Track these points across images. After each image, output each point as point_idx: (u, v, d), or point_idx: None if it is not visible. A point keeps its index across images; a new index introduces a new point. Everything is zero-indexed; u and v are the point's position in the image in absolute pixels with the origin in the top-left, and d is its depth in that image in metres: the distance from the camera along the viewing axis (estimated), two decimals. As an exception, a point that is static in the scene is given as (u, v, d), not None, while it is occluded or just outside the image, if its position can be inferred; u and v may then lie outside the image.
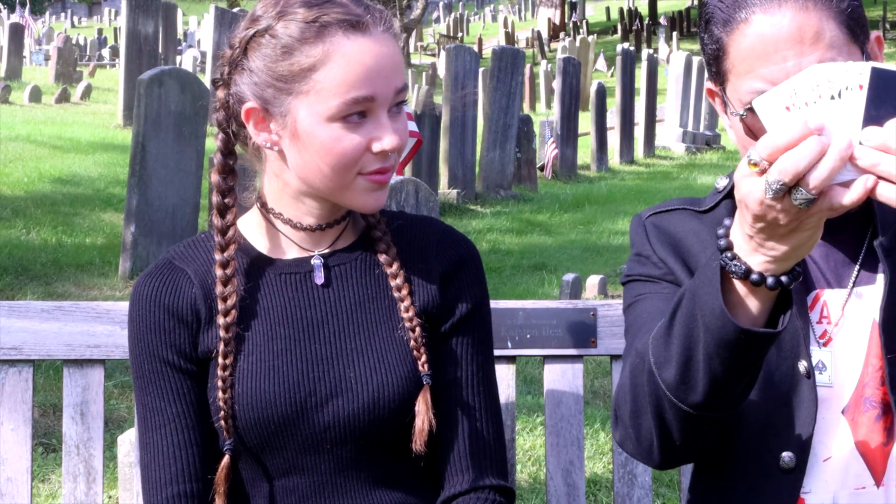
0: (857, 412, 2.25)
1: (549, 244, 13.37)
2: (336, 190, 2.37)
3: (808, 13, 2.13)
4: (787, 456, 2.24)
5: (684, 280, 2.37)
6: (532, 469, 5.94)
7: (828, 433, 2.26)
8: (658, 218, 2.48)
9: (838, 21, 2.14)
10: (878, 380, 2.24)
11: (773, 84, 2.10)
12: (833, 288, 2.31)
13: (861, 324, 2.27)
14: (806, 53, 2.11)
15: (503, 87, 16.66)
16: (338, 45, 2.30)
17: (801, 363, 2.25)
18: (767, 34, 2.14)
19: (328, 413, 2.38)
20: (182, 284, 2.46)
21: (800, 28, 2.12)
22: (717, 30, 2.22)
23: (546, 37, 52.86)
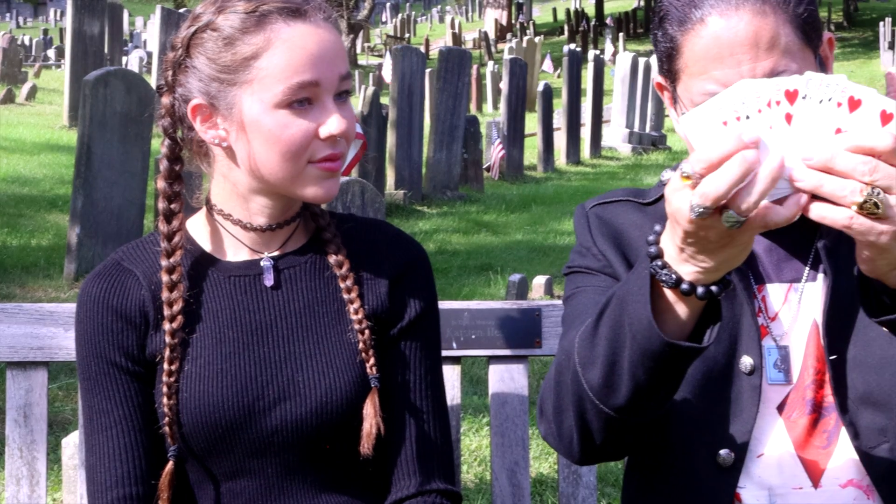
0: (794, 412, 2.26)
1: (496, 245, 13.38)
2: (287, 180, 2.37)
3: (765, 18, 2.13)
4: (725, 453, 2.26)
5: (622, 273, 2.38)
6: (478, 469, 5.95)
7: (763, 430, 2.27)
8: (601, 209, 2.49)
9: (794, 26, 2.15)
10: (817, 382, 2.25)
11: (726, 87, 2.07)
12: (773, 283, 2.32)
13: (800, 322, 2.29)
14: (761, 58, 2.12)
15: (450, 87, 16.67)
16: (278, 31, 2.31)
17: (744, 359, 2.26)
18: (723, 37, 2.13)
19: (276, 416, 2.38)
20: (130, 286, 2.45)
21: (756, 33, 2.12)
22: (671, 28, 2.21)
23: (493, 38, 52.89)
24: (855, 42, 48.33)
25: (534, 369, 7.43)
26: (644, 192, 2.50)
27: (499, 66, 32.07)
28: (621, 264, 2.40)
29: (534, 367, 7.46)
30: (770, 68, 2.11)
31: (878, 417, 2.21)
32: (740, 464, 2.26)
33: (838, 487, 2.24)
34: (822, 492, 2.25)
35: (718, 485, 2.27)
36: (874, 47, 44.47)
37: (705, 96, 2.13)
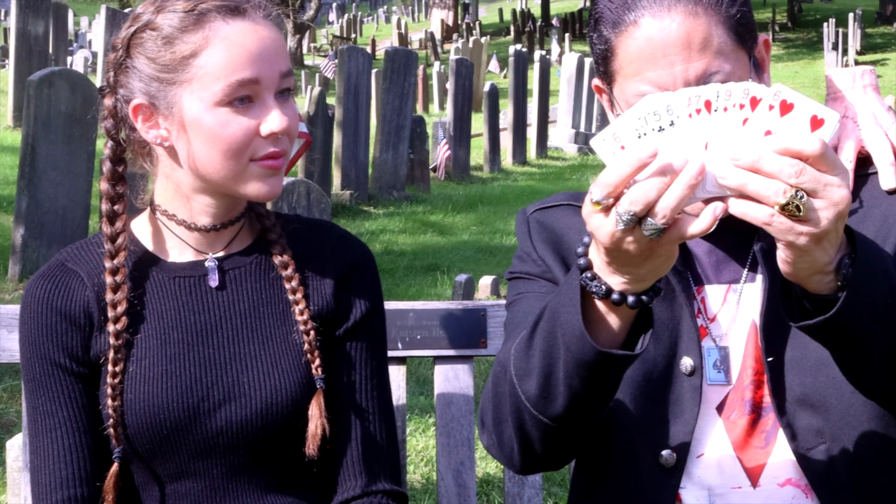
0: (733, 412, 2.28)
1: (443, 245, 13.38)
2: (229, 178, 2.37)
3: (697, 19, 2.13)
4: (667, 454, 2.27)
5: (562, 278, 2.39)
6: (425, 470, 5.95)
7: (703, 430, 2.29)
8: (542, 214, 2.50)
9: (727, 27, 2.16)
10: (755, 382, 2.27)
11: (660, 88, 2.12)
12: (712, 283, 2.33)
13: (739, 323, 2.30)
14: (693, 59, 2.12)
15: (396, 88, 16.66)
16: (217, 29, 2.32)
17: (685, 361, 2.28)
18: (656, 38, 2.14)
19: (221, 418, 2.38)
20: (74, 287, 2.44)
21: (688, 34, 2.13)
22: (605, 30, 2.22)
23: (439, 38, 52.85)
24: (799, 43, 48.64)
25: (479, 369, 7.44)
26: (583, 195, 2.47)
27: (445, 67, 32.09)
28: (561, 269, 2.41)
29: (479, 367, 7.47)
30: (703, 69, 2.12)
31: (815, 419, 2.22)
32: (682, 464, 2.27)
33: (777, 487, 2.26)
34: (760, 491, 2.26)
35: (661, 485, 2.28)
36: (818, 48, 44.74)
37: (639, 97, 2.12)
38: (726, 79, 2.10)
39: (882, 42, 46.35)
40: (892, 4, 51.47)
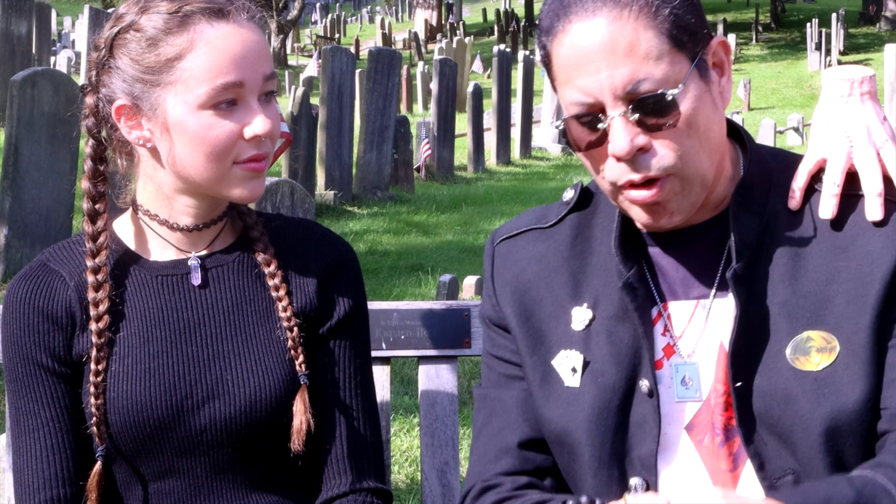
0: (703, 434, 2.23)
1: (427, 245, 13.38)
2: (212, 181, 2.37)
3: (622, 22, 2.08)
4: (636, 481, 2.22)
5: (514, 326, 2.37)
6: (409, 470, 5.95)
7: (672, 451, 2.24)
8: (506, 246, 2.46)
9: (658, 31, 2.09)
10: (723, 405, 2.21)
11: (588, 95, 2.10)
12: (679, 299, 2.28)
13: (707, 340, 2.25)
14: (619, 65, 2.07)
15: (380, 88, 16.65)
16: (202, 32, 2.31)
17: (643, 383, 2.23)
18: (581, 45, 2.10)
19: (205, 416, 2.37)
20: (57, 287, 2.43)
21: (612, 38, 2.07)
22: (543, 37, 2.19)
23: (423, 38, 52.87)
24: (782, 43, 48.73)
25: (464, 369, 7.44)
26: (546, 212, 2.46)
27: (429, 67, 32.06)
28: (516, 319, 2.37)
29: (464, 367, 7.47)
30: (629, 75, 2.07)
31: (782, 450, 2.16)
32: (654, 487, 2.23)
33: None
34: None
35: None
36: (802, 48, 44.85)
37: (573, 105, 2.12)
38: (657, 86, 2.07)
39: (865, 42, 46.46)
40: (874, 4, 51.60)
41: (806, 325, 2.16)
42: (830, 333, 2.14)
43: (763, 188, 2.26)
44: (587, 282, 2.33)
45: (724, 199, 2.27)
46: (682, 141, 2.12)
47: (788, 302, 2.18)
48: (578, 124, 2.14)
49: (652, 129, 2.10)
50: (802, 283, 2.18)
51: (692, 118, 2.11)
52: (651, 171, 2.12)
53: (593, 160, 2.19)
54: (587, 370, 2.28)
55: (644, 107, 2.08)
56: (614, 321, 2.28)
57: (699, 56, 2.15)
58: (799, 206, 2.23)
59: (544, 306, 2.36)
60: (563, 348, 2.31)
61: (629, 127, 2.09)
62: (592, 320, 2.30)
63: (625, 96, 2.08)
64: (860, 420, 2.11)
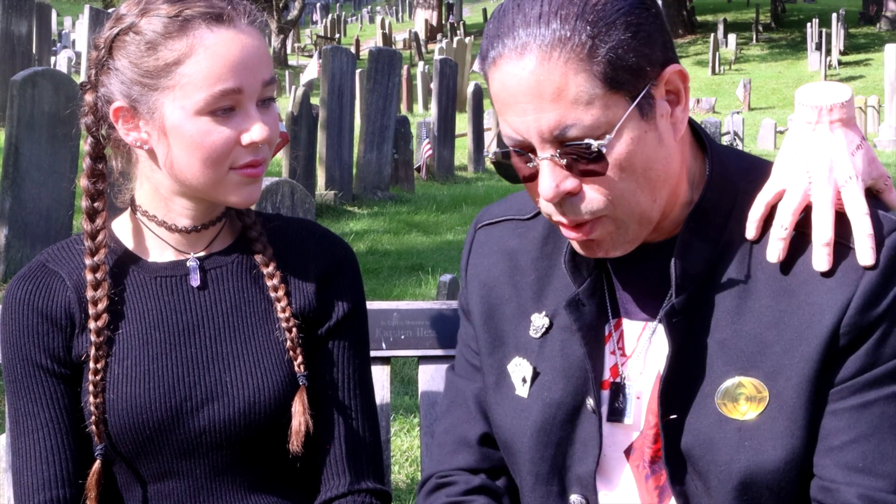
0: (638, 461, 2.18)
1: (427, 245, 13.37)
2: (209, 186, 2.36)
3: (550, 66, 1.94)
4: (576, 498, 2.20)
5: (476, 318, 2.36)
6: (410, 470, 5.95)
7: (613, 473, 2.20)
8: (486, 232, 2.42)
9: (590, 73, 1.94)
10: (653, 437, 2.16)
11: (518, 133, 2.01)
12: (632, 319, 2.20)
13: (648, 366, 2.18)
14: (546, 110, 1.95)
15: (380, 88, 16.64)
16: (201, 38, 2.30)
17: (589, 401, 2.18)
18: (508, 83, 1.98)
19: (204, 417, 2.37)
20: (56, 287, 2.43)
21: (538, 83, 1.95)
22: (480, 59, 2.09)
23: (423, 38, 52.86)
24: (783, 43, 48.70)
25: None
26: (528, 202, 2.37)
27: (429, 67, 32.07)
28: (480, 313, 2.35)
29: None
30: (556, 120, 1.95)
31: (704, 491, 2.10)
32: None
33: None
34: None
35: None
36: (802, 48, 44.83)
37: (507, 138, 2.04)
38: (584, 133, 1.95)
39: (865, 42, 46.43)
40: (874, 5, 51.60)
41: (740, 370, 2.06)
42: (762, 382, 2.05)
43: (722, 213, 2.13)
44: (551, 287, 2.27)
45: (680, 222, 2.15)
46: (615, 185, 2.00)
47: (727, 341, 2.08)
48: (517, 157, 2.05)
49: (582, 174, 2.00)
50: (745, 322, 2.08)
51: (627, 162, 1.99)
52: (579, 216, 2.03)
53: (530, 191, 2.11)
54: (536, 382, 2.24)
55: (571, 153, 1.97)
56: (569, 333, 2.21)
57: (642, 93, 1.99)
58: (757, 237, 2.10)
59: (508, 307, 2.32)
60: (519, 355, 2.27)
61: (556, 171, 1.99)
62: (549, 329, 2.25)
63: (552, 140, 1.97)
64: (777, 479, 2.03)
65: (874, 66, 40.02)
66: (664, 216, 2.12)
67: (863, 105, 28.70)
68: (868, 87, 35.48)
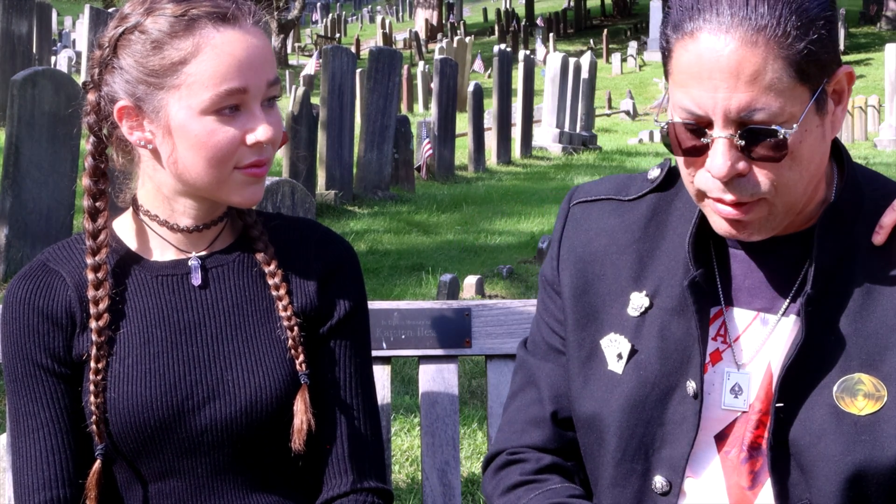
0: (732, 447, 2.21)
1: (427, 244, 13.37)
2: (212, 185, 2.36)
3: (754, 49, 1.98)
4: (661, 479, 2.22)
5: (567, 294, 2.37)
6: (410, 469, 5.95)
7: (699, 456, 2.23)
8: (582, 209, 2.44)
9: (788, 62, 1.99)
10: (756, 422, 2.19)
11: (700, 108, 2.03)
12: (742, 307, 2.24)
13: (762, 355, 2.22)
14: (739, 90, 1.99)
15: (381, 87, 16.63)
16: (207, 37, 2.30)
17: (690, 384, 2.20)
18: (706, 57, 2.01)
19: (206, 416, 2.37)
20: (56, 287, 2.43)
21: (739, 63, 1.98)
22: (668, 29, 2.10)
23: (423, 38, 52.92)
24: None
25: (464, 369, 7.43)
26: (629, 183, 2.42)
27: (429, 67, 32.07)
28: (572, 287, 2.37)
29: (464, 366, 7.46)
30: (746, 103, 1.99)
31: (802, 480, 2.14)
32: (678, 489, 2.22)
33: None
34: None
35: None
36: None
37: (682, 111, 2.07)
38: (771, 119, 1.99)
39: (866, 42, 46.44)
40: (875, 4, 51.58)
41: (859, 367, 2.12)
42: (882, 382, 2.11)
43: (851, 215, 2.20)
44: (652, 267, 2.31)
45: (810, 218, 2.22)
46: (783, 172, 2.06)
47: (849, 339, 2.14)
48: (683, 129, 2.08)
49: (755, 158, 2.04)
50: (867, 323, 2.14)
51: (799, 152, 2.05)
52: (743, 197, 2.08)
53: (687, 164, 2.13)
54: (632, 359, 2.27)
55: (753, 136, 2.01)
56: (670, 315, 2.25)
57: (821, 88, 2.06)
58: (883, 243, 2.18)
59: (604, 283, 2.34)
60: (614, 331, 2.30)
61: (732, 151, 2.03)
62: (648, 309, 2.28)
63: (737, 120, 2.01)
64: (890, 476, 2.08)
65: (875, 65, 40.01)
66: (800, 211, 2.20)
67: (863, 105, 28.69)
68: (868, 87, 35.47)
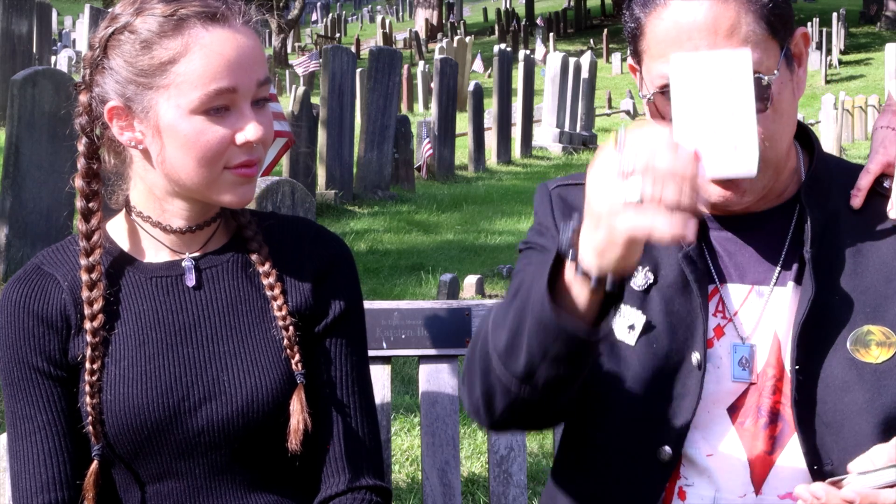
0: (746, 417, 2.25)
1: (428, 244, 13.37)
2: (203, 185, 2.36)
3: (726, 4, 2.11)
4: (666, 450, 2.25)
5: None
6: (410, 469, 5.95)
7: (712, 430, 2.26)
8: (564, 190, 2.48)
9: (758, 15, 2.13)
10: (772, 388, 2.24)
11: None
12: (734, 282, 2.30)
13: (763, 325, 2.27)
14: (719, 45, 2.09)
15: (381, 87, 16.63)
16: (197, 37, 2.30)
17: (694, 355, 2.25)
18: (682, 21, 2.11)
19: (202, 417, 2.36)
20: (51, 290, 2.42)
21: (715, 19, 2.10)
22: (637, 8, 2.20)
23: (423, 37, 52.93)
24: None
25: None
26: None
27: (429, 66, 32.07)
28: None
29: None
30: None
31: (828, 438, 2.19)
32: (679, 458, 2.26)
33: (776, 498, 2.24)
34: (761, 499, 2.24)
35: (657, 478, 2.26)
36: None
37: (663, 79, 2.12)
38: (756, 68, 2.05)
39: (866, 42, 46.46)
40: (875, 4, 51.61)
41: (865, 320, 2.20)
42: (890, 329, 2.19)
43: (826, 184, 2.29)
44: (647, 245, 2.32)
45: (785, 189, 2.30)
46: (768, 125, 2.14)
47: (850, 295, 2.22)
48: (666, 99, 2.12)
49: None
50: (863, 279, 2.23)
51: (780, 104, 2.15)
52: None
53: None
54: (644, 332, 2.30)
55: None
56: (672, 291, 2.29)
57: (786, 45, 2.17)
58: (860, 206, 2.27)
59: None
60: (624, 302, 2.29)
61: None
62: (652, 285, 2.32)
63: None
64: None
65: (874, 65, 40.03)
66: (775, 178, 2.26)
67: (863, 104, 28.70)
68: (868, 87, 35.49)
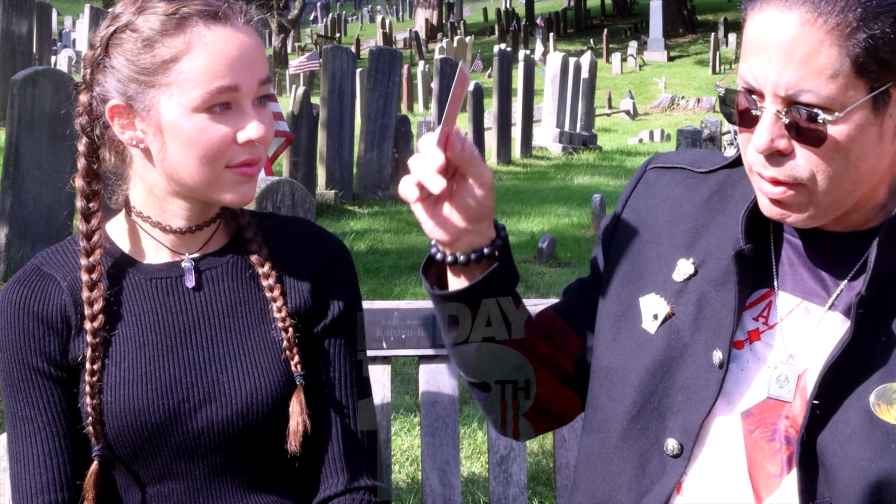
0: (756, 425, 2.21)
1: (427, 244, 13.29)
2: (204, 184, 2.36)
3: (811, 30, 2.00)
4: (673, 443, 2.23)
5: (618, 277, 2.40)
6: (410, 469, 5.94)
7: (719, 429, 2.23)
8: (657, 174, 2.48)
9: (843, 51, 1.99)
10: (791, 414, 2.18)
11: (755, 79, 2.07)
12: (786, 292, 2.25)
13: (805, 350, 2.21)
14: (790, 67, 2.01)
15: (381, 87, 16.63)
16: (199, 35, 2.30)
17: (716, 353, 2.21)
18: (766, 31, 2.05)
19: (202, 419, 2.36)
20: (51, 290, 2.42)
21: (794, 41, 2.00)
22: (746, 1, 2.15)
23: (424, 37, 52.94)
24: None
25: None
26: (708, 156, 2.47)
27: (430, 66, 32.07)
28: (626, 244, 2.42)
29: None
30: (795, 81, 2.02)
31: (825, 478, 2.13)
32: (689, 453, 2.23)
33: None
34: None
35: (666, 470, 2.25)
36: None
37: (741, 80, 2.11)
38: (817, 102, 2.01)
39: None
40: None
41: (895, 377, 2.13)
42: None
43: None
44: (705, 237, 2.33)
45: (869, 219, 2.21)
46: (824, 162, 2.06)
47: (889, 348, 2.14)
48: (741, 97, 2.12)
49: (796, 138, 2.05)
50: None
51: (843, 144, 2.04)
52: (780, 176, 2.09)
53: (742, 133, 2.18)
54: (666, 322, 2.29)
55: (798, 115, 2.03)
56: (711, 286, 2.27)
57: (882, 88, 2.04)
58: None
59: (657, 248, 2.38)
60: (656, 292, 2.33)
61: (776, 126, 2.06)
62: (692, 276, 2.31)
63: (784, 97, 2.03)
64: None
65: (875, 65, 39.92)
66: (854, 209, 2.19)
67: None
68: None
